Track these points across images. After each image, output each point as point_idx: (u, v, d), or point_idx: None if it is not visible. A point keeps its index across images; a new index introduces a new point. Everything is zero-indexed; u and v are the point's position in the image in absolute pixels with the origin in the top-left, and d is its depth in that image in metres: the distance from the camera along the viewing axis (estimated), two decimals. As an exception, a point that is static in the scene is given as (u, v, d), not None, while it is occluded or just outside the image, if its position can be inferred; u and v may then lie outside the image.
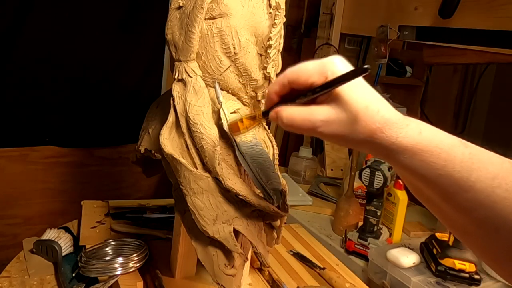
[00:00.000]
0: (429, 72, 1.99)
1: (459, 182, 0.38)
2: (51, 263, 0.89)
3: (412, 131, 0.39)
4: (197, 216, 0.66)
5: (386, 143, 0.39)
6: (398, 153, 0.39)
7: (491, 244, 0.40)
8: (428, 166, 0.39)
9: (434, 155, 0.38)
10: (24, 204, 1.50)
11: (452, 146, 0.39)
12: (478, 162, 0.38)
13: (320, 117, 0.41)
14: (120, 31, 1.52)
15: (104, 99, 1.56)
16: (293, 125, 0.43)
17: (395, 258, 0.98)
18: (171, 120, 0.70)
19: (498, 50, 1.19)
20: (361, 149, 0.43)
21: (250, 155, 0.67)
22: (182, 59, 0.70)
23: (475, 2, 1.23)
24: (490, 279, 1.00)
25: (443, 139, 0.39)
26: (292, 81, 0.43)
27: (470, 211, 0.39)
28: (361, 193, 1.36)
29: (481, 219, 0.39)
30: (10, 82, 1.39)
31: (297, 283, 0.87)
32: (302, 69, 0.43)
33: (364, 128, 0.39)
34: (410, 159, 0.39)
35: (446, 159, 0.38)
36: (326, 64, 0.42)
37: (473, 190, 0.38)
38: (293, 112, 0.43)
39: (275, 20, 0.70)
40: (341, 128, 0.40)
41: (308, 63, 0.43)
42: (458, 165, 0.38)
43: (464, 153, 0.38)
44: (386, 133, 0.39)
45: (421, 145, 0.39)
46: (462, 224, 0.42)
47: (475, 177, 0.38)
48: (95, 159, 1.61)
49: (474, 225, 0.40)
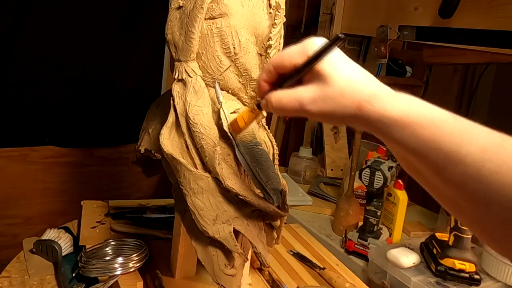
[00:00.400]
0: (429, 72, 1.99)
1: (449, 156, 0.38)
2: (51, 263, 0.89)
3: (401, 104, 0.39)
4: (197, 216, 0.66)
5: (375, 116, 0.39)
6: (388, 126, 0.39)
7: (482, 218, 0.40)
8: (418, 140, 0.39)
9: (423, 128, 0.38)
10: (24, 204, 1.50)
11: (442, 119, 0.39)
12: (468, 135, 0.38)
13: (306, 96, 0.42)
14: (120, 31, 1.52)
15: (104, 99, 1.56)
16: (282, 108, 0.44)
17: (395, 258, 0.98)
18: (171, 120, 0.70)
19: (498, 50, 1.19)
20: (351, 124, 0.43)
21: (250, 155, 0.67)
22: (182, 59, 0.70)
23: (475, 2, 1.23)
24: (490, 279, 1.00)
25: (432, 112, 0.39)
26: (277, 66, 0.45)
27: (461, 185, 0.39)
28: (361, 193, 1.36)
29: (472, 193, 0.39)
30: (10, 82, 1.39)
31: (297, 283, 0.87)
32: (285, 53, 0.44)
33: (351, 101, 0.40)
34: (400, 132, 0.39)
35: (436, 132, 0.38)
36: (306, 44, 0.43)
37: (463, 163, 0.38)
38: (280, 95, 0.44)
39: (275, 20, 0.70)
40: (328, 104, 0.41)
41: (290, 47, 0.44)
42: (448, 138, 0.38)
43: (454, 126, 0.38)
44: (374, 105, 0.39)
45: (411, 118, 0.39)
46: (454, 199, 0.42)
47: (464, 150, 0.38)
48: (95, 159, 1.61)
49: (465, 200, 0.40)
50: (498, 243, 0.42)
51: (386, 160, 1.11)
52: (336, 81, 0.40)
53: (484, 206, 0.39)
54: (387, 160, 1.12)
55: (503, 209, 0.38)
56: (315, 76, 0.42)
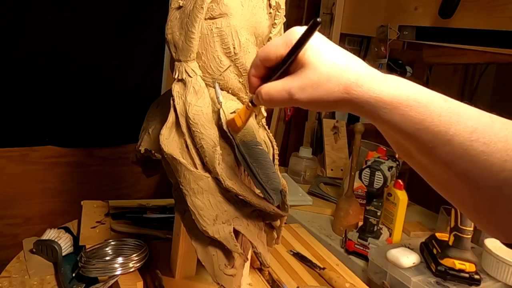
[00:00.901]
0: (429, 72, 1.99)
1: (438, 136, 0.38)
2: (51, 263, 0.89)
3: (390, 85, 0.40)
4: (197, 216, 0.66)
5: (364, 97, 0.40)
6: (377, 108, 0.39)
7: (471, 196, 0.41)
8: (407, 121, 0.39)
9: (412, 109, 0.39)
10: (24, 204, 1.50)
11: (431, 100, 0.39)
12: (456, 116, 0.38)
13: (293, 84, 0.42)
14: (120, 31, 1.52)
15: (104, 99, 1.56)
16: (271, 100, 0.44)
17: (395, 258, 0.98)
18: (171, 120, 0.70)
19: (498, 50, 1.19)
20: (342, 109, 0.43)
21: (250, 155, 0.67)
22: (182, 59, 0.70)
23: (475, 2, 1.23)
24: (490, 279, 1.00)
25: (421, 93, 0.39)
26: (263, 59, 0.45)
27: (449, 165, 0.39)
28: (361, 193, 1.36)
29: (461, 172, 0.39)
30: (10, 82, 1.39)
31: (297, 283, 0.87)
32: (269, 45, 0.45)
33: (338, 85, 0.40)
34: (389, 114, 0.39)
35: (425, 113, 0.38)
36: (289, 34, 0.43)
37: (451, 143, 0.38)
38: (269, 87, 0.44)
39: (275, 20, 0.70)
40: (315, 90, 0.41)
41: (274, 39, 0.45)
42: (437, 119, 0.38)
43: (443, 107, 0.39)
44: (362, 87, 0.39)
45: (400, 99, 0.39)
46: (443, 178, 0.42)
47: (453, 131, 0.38)
48: (95, 159, 1.61)
49: (454, 179, 0.41)
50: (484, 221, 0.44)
51: (386, 160, 1.11)
52: (321, 66, 0.40)
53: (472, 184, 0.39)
54: (387, 160, 1.12)
55: (490, 187, 0.38)
56: (300, 64, 0.42)
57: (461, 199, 0.44)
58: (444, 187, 0.44)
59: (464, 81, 2.16)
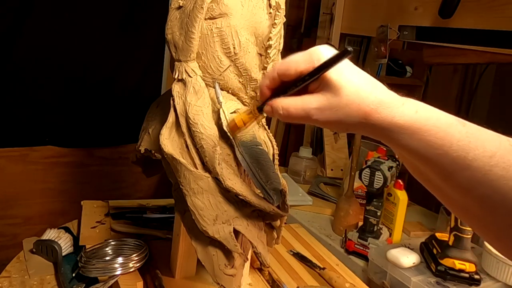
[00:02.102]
0: (429, 72, 1.99)
1: (457, 161, 0.38)
2: (51, 263, 0.89)
3: (408, 110, 0.39)
4: (197, 216, 0.66)
5: (383, 124, 0.40)
6: (395, 133, 0.40)
7: (491, 222, 0.41)
8: (426, 145, 0.39)
9: (431, 134, 0.39)
10: (24, 204, 1.50)
11: (449, 124, 0.39)
12: (475, 140, 0.38)
13: (313, 105, 0.42)
14: (120, 31, 1.52)
15: (104, 99, 1.56)
16: (289, 116, 0.44)
17: (395, 258, 0.98)
18: (171, 120, 0.70)
19: (498, 50, 1.19)
20: (358, 131, 0.43)
21: (250, 155, 0.67)
22: (182, 59, 0.70)
23: (475, 2, 1.23)
24: (490, 279, 1.00)
25: (440, 118, 0.39)
26: (282, 73, 0.44)
27: (469, 190, 0.39)
28: (361, 193, 1.36)
29: (480, 198, 0.39)
30: (10, 82, 1.39)
31: (297, 283, 0.87)
32: (290, 60, 0.44)
33: (358, 111, 0.40)
34: (408, 139, 0.39)
35: (444, 138, 0.38)
36: (312, 53, 0.42)
37: (470, 168, 0.38)
38: (287, 103, 0.44)
39: (275, 20, 0.70)
40: (335, 113, 0.41)
41: (295, 55, 0.44)
42: (455, 144, 0.38)
43: (461, 131, 0.39)
44: (381, 113, 0.39)
45: (419, 124, 0.39)
46: (462, 203, 0.42)
47: (472, 155, 0.38)
48: (95, 159, 1.61)
49: (473, 204, 0.40)
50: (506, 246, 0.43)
51: (386, 160, 1.11)
52: (343, 91, 0.40)
53: (492, 209, 0.39)
54: (387, 160, 1.12)
55: (510, 213, 0.38)
56: (322, 85, 0.42)
57: (481, 224, 0.43)
58: (463, 212, 0.44)
59: (464, 81, 2.16)
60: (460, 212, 0.44)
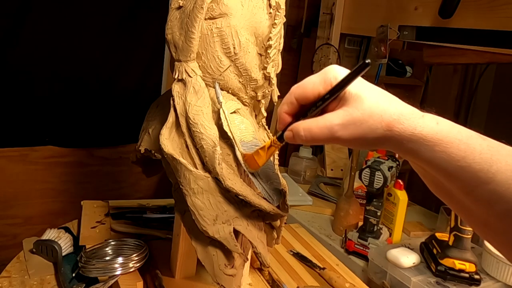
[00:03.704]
0: (429, 72, 1.99)
1: (479, 174, 0.38)
2: (51, 263, 0.89)
3: (429, 121, 0.40)
4: (197, 216, 0.66)
5: (406, 134, 0.40)
6: (418, 144, 0.39)
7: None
8: (449, 158, 0.39)
9: (454, 146, 0.39)
10: (24, 204, 1.50)
11: (470, 137, 0.39)
12: (497, 154, 0.38)
13: (336, 121, 0.41)
14: (120, 31, 1.52)
15: (104, 99, 1.56)
16: (313, 137, 0.43)
17: (395, 258, 0.98)
18: (171, 120, 0.70)
19: (498, 50, 1.19)
20: (382, 146, 0.43)
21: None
22: (182, 59, 0.70)
23: (475, 2, 1.23)
24: (490, 279, 1.00)
25: (460, 130, 0.40)
26: (299, 96, 0.44)
27: (491, 204, 0.39)
28: (361, 193, 1.36)
29: (502, 212, 0.39)
30: (10, 82, 1.39)
31: (297, 283, 0.87)
32: (305, 83, 0.44)
33: (381, 122, 0.40)
34: (430, 151, 0.39)
35: (466, 150, 0.38)
36: (328, 72, 0.43)
37: (493, 182, 0.38)
38: (309, 125, 0.43)
39: (275, 20, 0.70)
40: (359, 127, 0.41)
41: (310, 77, 0.44)
42: (478, 156, 0.38)
43: (482, 144, 0.39)
44: (404, 124, 0.39)
45: (441, 135, 0.39)
46: (483, 218, 0.42)
47: (495, 168, 0.38)
48: (95, 159, 1.60)
49: (495, 219, 0.40)
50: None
51: (386, 160, 1.11)
52: (364, 104, 0.40)
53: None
54: (387, 160, 1.12)
55: None
56: (342, 101, 0.42)
57: (502, 240, 0.43)
58: (484, 227, 0.44)
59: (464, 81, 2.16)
60: (481, 227, 0.44)
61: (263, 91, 0.74)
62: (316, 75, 0.43)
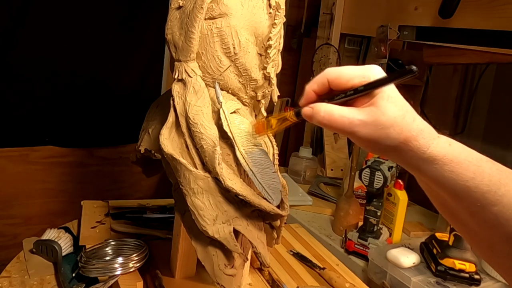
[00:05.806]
0: (429, 72, 1.99)
1: (487, 195, 0.39)
2: (51, 263, 0.89)
3: (443, 142, 0.41)
4: (197, 216, 0.66)
5: (418, 152, 0.40)
6: (428, 162, 0.40)
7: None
8: (457, 178, 0.40)
9: (463, 167, 0.39)
10: (24, 204, 1.50)
11: (480, 160, 0.40)
12: (506, 177, 0.39)
13: (359, 117, 0.41)
14: (120, 31, 1.52)
15: (104, 99, 1.56)
16: (331, 121, 0.43)
17: (395, 258, 0.98)
18: (171, 120, 0.70)
19: (498, 50, 1.19)
20: (391, 156, 0.43)
21: (250, 155, 0.67)
22: (182, 59, 0.70)
23: (475, 2, 1.23)
24: (490, 279, 1.00)
25: (471, 153, 0.41)
26: (332, 80, 0.44)
27: (496, 227, 0.40)
28: (361, 193, 1.36)
29: (507, 235, 0.39)
30: (10, 82, 1.39)
31: (297, 283, 0.87)
32: (344, 70, 0.44)
33: (400, 134, 0.40)
34: (440, 170, 0.40)
35: (475, 172, 0.39)
36: (368, 69, 0.43)
37: (500, 204, 0.39)
38: (332, 108, 0.43)
39: (275, 20, 0.70)
40: (376, 131, 0.41)
41: (350, 66, 0.44)
42: (487, 178, 0.39)
43: (492, 168, 0.40)
44: (419, 141, 0.40)
45: (451, 156, 0.40)
46: (488, 241, 0.42)
47: (503, 191, 0.39)
48: (95, 159, 1.60)
49: (500, 241, 0.41)
50: None
51: (386, 160, 1.11)
52: (392, 112, 0.41)
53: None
54: (387, 160, 1.12)
55: None
56: (371, 102, 0.42)
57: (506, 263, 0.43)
58: (488, 250, 0.44)
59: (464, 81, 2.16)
60: (485, 250, 0.44)
61: (263, 91, 0.74)
62: (357, 67, 0.44)
